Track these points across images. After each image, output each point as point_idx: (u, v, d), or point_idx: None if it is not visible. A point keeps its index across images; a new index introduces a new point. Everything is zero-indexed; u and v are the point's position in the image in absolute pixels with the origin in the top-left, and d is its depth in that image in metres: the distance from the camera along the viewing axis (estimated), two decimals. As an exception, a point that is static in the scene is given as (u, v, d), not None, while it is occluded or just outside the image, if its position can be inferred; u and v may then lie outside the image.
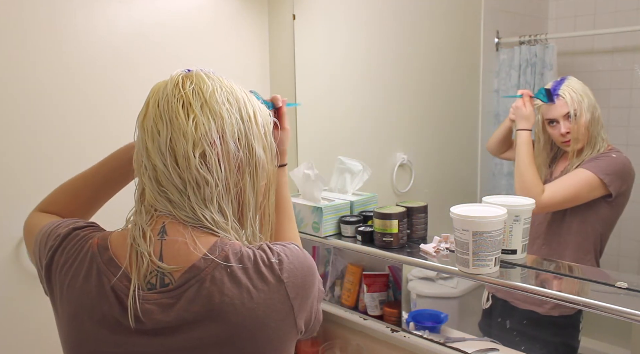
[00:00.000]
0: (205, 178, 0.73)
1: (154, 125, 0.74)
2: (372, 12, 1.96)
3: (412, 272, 1.62)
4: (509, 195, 1.36)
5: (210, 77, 0.78)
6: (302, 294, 0.75)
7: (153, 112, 0.75)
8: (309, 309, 0.77)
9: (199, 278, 0.70)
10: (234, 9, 1.72)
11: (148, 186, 0.75)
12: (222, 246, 0.73)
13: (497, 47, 2.37)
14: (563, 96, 1.57)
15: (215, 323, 0.69)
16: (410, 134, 2.14)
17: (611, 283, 1.13)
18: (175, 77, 0.77)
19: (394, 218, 1.42)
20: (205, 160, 0.73)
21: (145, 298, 0.71)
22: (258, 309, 0.70)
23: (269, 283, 0.71)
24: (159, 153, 0.73)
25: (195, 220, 0.74)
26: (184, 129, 0.72)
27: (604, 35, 2.33)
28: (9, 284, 1.34)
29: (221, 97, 0.76)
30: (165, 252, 0.73)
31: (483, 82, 2.35)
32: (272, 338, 0.72)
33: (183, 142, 0.72)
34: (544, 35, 2.28)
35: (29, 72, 1.32)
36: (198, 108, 0.74)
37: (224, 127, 0.75)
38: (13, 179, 1.31)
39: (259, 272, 0.71)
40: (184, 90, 0.74)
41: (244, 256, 0.72)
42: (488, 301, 1.64)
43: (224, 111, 0.75)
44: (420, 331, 1.44)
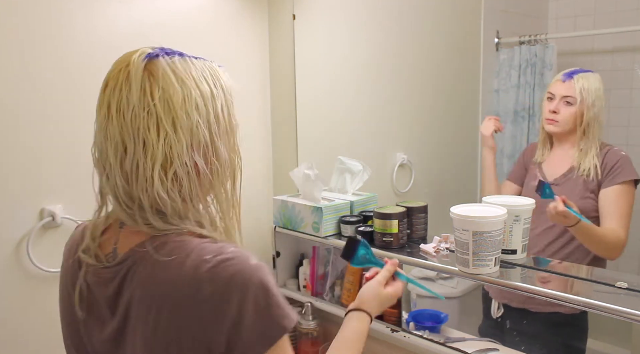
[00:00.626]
0: (172, 199, 0.70)
1: (119, 139, 0.70)
2: (372, 12, 1.96)
3: (412, 272, 1.62)
4: (509, 195, 1.36)
5: (177, 74, 0.72)
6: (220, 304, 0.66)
7: (119, 122, 0.70)
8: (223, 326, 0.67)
9: (134, 258, 0.72)
10: (234, 9, 1.72)
11: (111, 195, 0.74)
12: (167, 237, 0.72)
13: (497, 47, 2.37)
14: (575, 81, 1.58)
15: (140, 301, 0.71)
16: (410, 134, 2.14)
17: (611, 283, 1.13)
18: (138, 76, 0.70)
19: (394, 218, 1.42)
20: (175, 180, 0.70)
21: (98, 273, 0.76)
22: (169, 299, 0.68)
23: (186, 279, 0.67)
24: (121, 170, 0.70)
25: (154, 231, 0.73)
26: (155, 151, 0.69)
27: (604, 35, 2.34)
28: (9, 284, 1.34)
29: (191, 106, 0.71)
30: (122, 238, 0.76)
31: (483, 82, 2.35)
32: (173, 332, 0.68)
33: (150, 165, 0.69)
34: (544, 35, 2.28)
35: (29, 72, 1.32)
36: (170, 125, 0.69)
37: (192, 142, 0.71)
38: (13, 179, 1.31)
39: (182, 265, 0.68)
40: (153, 102, 0.69)
41: (185, 247, 0.70)
42: (499, 309, 1.63)
43: (194, 124, 0.71)
44: (420, 331, 1.44)
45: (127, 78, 0.71)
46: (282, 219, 1.68)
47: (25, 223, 1.34)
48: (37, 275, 1.36)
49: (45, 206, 1.36)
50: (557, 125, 1.61)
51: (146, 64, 0.72)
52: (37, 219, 1.36)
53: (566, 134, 1.62)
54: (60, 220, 1.37)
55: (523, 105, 2.32)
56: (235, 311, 0.66)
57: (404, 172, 2.08)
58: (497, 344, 1.38)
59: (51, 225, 1.37)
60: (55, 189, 1.38)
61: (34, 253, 1.34)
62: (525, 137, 2.32)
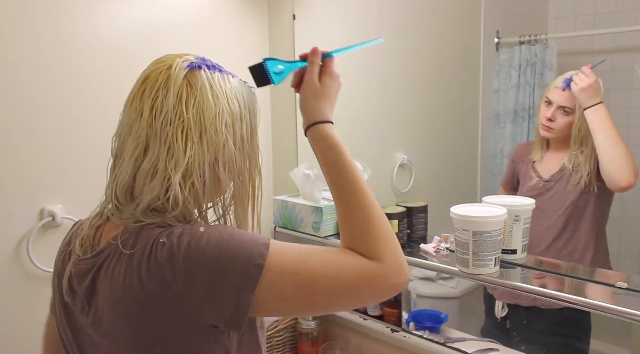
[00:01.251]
0: (186, 205, 0.73)
1: (144, 138, 0.72)
2: (372, 12, 1.96)
3: (412, 272, 1.62)
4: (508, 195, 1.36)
5: (213, 88, 0.74)
6: (188, 282, 0.66)
7: (148, 123, 0.72)
8: (218, 300, 0.67)
9: (109, 251, 0.73)
10: (234, 9, 1.72)
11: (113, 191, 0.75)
12: (135, 227, 0.72)
13: (497, 47, 2.37)
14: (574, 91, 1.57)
15: (110, 294, 0.71)
16: (410, 134, 2.14)
17: (611, 283, 1.13)
18: (177, 83, 0.72)
19: (394, 218, 1.42)
20: (191, 189, 0.72)
21: (78, 262, 0.77)
22: (140, 288, 0.68)
23: (156, 263, 0.67)
24: (132, 167, 0.72)
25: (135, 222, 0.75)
26: (178, 157, 0.71)
27: (604, 35, 2.34)
28: (9, 284, 1.34)
29: (221, 121, 0.73)
30: (104, 232, 0.77)
31: (483, 82, 2.35)
32: (151, 320, 0.68)
33: (171, 169, 0.70)
34: (544, 35, 2.28)
35: (30, 72, 1.32)
36: (197, 136, 0.72)
37: (217, 157, 0.73)
38: (13, 179, 1.31)
39: (143, 252, 0.69)
40: (187, 114, 0.71)
41: (146, 236, 0.70)
42: (503, 308, 1.63)
43: (221, 140, 0.73)
44: (420, 331, 1.44)
45: (166, 82, 0.73)
46: (282, 219, 1.68)
47: (25, 223, 1.34)
48: (37, 274, 1.36)
49: (45, 206, 1.36)
50: (552, 132, 1.63)
51: (187, 73, 0.74)
52: (37, 219, 1.36)
53: (561, 138, 1.63)
54: (60, 220, 1.37)
55: (523, 105, 2.32)
56: (205, 279, 0.66)
57: (404, 172, 2.08)
58: (497, 344, 1.38)
59: (51, 225, 1.37)
60: (55, 189, 1.38)
61: (34, 253, 1.35)
62: (526, 137, 2.32)
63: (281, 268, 0.68)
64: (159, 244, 0.68)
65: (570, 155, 1.59)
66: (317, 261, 0.70)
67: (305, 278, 0.68)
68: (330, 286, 0.69)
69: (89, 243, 0.78)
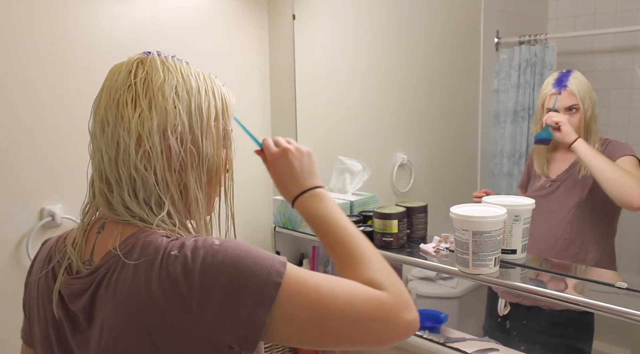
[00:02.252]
0: (144, 176, 0.71)
1: (104, 114, 0.73)
2: (372, 12, 1.96)
3: (412, 272, 1.62)
4: (508, 195, 1.36)
5: (165, 64, 0.74)
6: (206, 297, 0.64)
7: (105, 100, 0.74)
8: (233, 317, 0.64)
9: (108, 265, 0.70)
10: (233, 9, 1.72)
11: (96, 180, 0.75)
12: (138, 236, 0.70)
13: (497, 47, 2.37)
14: (571, 89, 1.57)
15: (115, 309, 0.68)
16: (410, 134, 2.14)
17: (611, 283, 1.13)
18: (130, 63, 0.75)
19: (394, 218, 1.42)
20: (146, 158, 0.71)
21: (69, 283, 0.74)
22: (150, 303, 0.65)
23: (168, 277, 0.65)
24: (105, 144, 0.72)
25: (128, 217, 0.72)
26: (129, 124, 0.71)
27: (604, 35, 2.33)
28: (9, 283, 1.34)
29: (170, 88, 0.72)
30: (97, 245, 0.75)
31: (483, 82, 2.35)
32: (161, 335, 0.66)
33: (126, 137, 0.71)
34: (544, 35, 2.28)
35: (30, 72, 1.32)
36: (145, 102, 0.71)
37: (167, 124, 0.72)
38: (13, 179, 1.31)
39: (152, 264, 0.66)
40: (135, 80, 0.72)
41: (153, 248, 0.68)
42: (506, 307, 1.63)
43: (170, 105, 0.72)
44: (420, 331, 1.44)
45: (120, 66, 0.75)
46: (282, 219, 1.68)
47: (25, 223, 1.35)
48: (37, 275, 1.36)
49: (45, 206, 1.36)
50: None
51: (140, 57, 0.76)
52: (37, 219, 1.36)
53: None
54: (60, 220, 1.37)
55: (523, 105, 2.32)
56: (221, 295, 0.64)
57: (404, 172, 2.08)
58: (498, 344, 1.38)
59: (51, 224, 1.37)
60: (55, 189, 1.38)
61: (34, 253, 1.34)
62: (525, 137, 2.32)
63: (296, 288, 0.66)
64: (170, 256, 0.66)
65: None
66: (329, 285, 0.68)
67: (317, 301, 0.66)
68: (342, 312, 0.66)
69: (80, 258, 0.75)
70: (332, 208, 0.82)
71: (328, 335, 0.67)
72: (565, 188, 1.61)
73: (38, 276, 0.80)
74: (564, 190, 1.61)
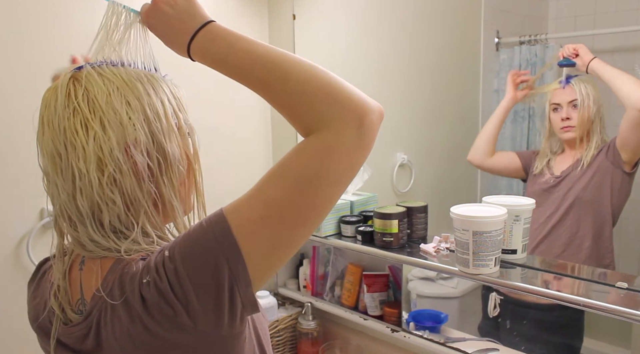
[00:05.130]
0: (109, 201, 0.66)
1: (52, 147, 0.66)
2: (372, 12, 1.96)
3: (412, 272, 1.62)
4: (509, 195, 1.36)
5: (102, 75, 0.68)
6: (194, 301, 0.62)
7: (49, 133, 0.67)
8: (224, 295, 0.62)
9: (99, 308, 0.67)
10: (233, 9, 1.72)
11: (58, 217, 0.70)
12: (115, 270, 0.67)
13: (497, 47, 2.37)
14: (573, 84, 1.66)
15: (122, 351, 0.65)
16: (410, 134, 2.14)
17: (611, 283, 1.13)
18: (64, 84, 0.67)
19: (394, 218, 1.42)
20: (111, 180, 0.66)
21: (68, 332, 0.70)
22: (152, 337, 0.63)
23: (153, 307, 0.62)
24: (61, 179, 0.66)
25: (100, 252, 0.68)
26: (84, 151, 0.65)
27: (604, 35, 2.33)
28: (9, 283, 1.34)
29: (118, 101, 0.66)
30: (83, 283, 0.71)
31: (483, 82, 2.35)
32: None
33: (83, 166, 0.65)
34: (544, 35, 2.28)
35: (29, 72, 1.32)
36: (97, 123, 0.65)
37: (126, 138, 0.66)
38: (13, 179, 1.31)
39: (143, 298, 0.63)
40: (77, 100, 0.66)
41: (129, 281, 0.65)
42: (495, 308, 1.64)
43: (124, 118, 0.66)
44: (420, 331, 1.44)
45: (54, 92, 0.68)
46: (282, 219, 1.68)
47: (25, 223, 1.35)
48: (37, 274, 1.36)
49: (45, 206, 1.36)
50: (574, 130, 1.66)
51: (72, 74, 0.69)
52: (37, 219, 1.36)
53: (578, 135, 1.66)
54: (60, 220, 1.37)
55: (523, 105, 2.32)
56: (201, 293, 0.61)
57: (404, 172, 2.08)
58: (497, 344, 1.38)
59: (51, 225, 1.37)
60: (55, 189, 1.38)
61: (34, 253, 1.35)
62: (525, 137, 2.32)
63: (243, 215, 0.63)
64: (143, 286, 0.62)
65: (585, 148, 1.65)
66: (266, 177, 0.65)
67: (258, 193, 0.64)
68: (283, 177, 0.63)
69: (69, 304, 0.71)
70: (232, 40, 0.68)
71: (289, 212, 0.63)
72: (567, 182, 1.66)
73: (36, 302, 0.77)
74: (566, 184, 1.66)
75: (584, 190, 1.61)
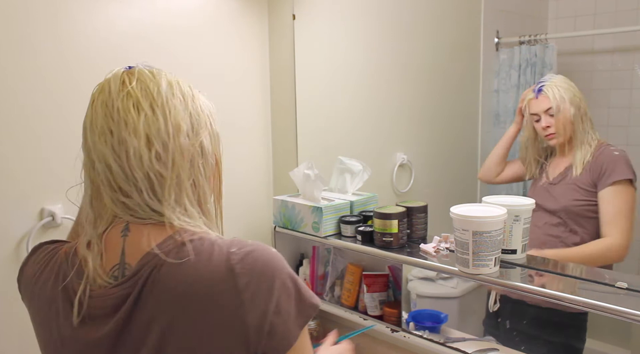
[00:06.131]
0: (161, 174, 0.74)
1: (104, 125, 0.75)
2: (372, 12, 1.96)
3: (412, 272, 1.62)
4: (508, 195, 1.36)
5: (153, 73, 0.78)
6: (257, 292, 0.71)
7: (102, 111, 0.75)
8: (264, 311, 0.71)
9: (151, 265, 0.72)
10: (234, 9, 1.72)
11: (104, 191, 0.76)
12: (177, 236, 0.74)
13: (497, 47, 2.37)
14: (545, 92, 1.64)
15: (164, 307, 0.70)
16: (410, 134, 2.14)
17: (611, 283, 1.13)
18: (118, 76, 0.77)
19: (394, 218, 1.42)
20: (159, 157, 0.74)
21: (106, 294, 0.73)
22: (204, 294, 0.70)
23: (220, 271, 0.70)
24: (112, 153, 0.74)
25: (154, 216, 0.75)
26: (136, 128, 0.74)
27: (604, 35, 2.34)
28: (9, 283, 1.34)
29: (167, 93, 0.77)
30: (127, 249, 0.75)
31: (483, 82, 2.35)
32: (213, 328, 0.70)
33: (135, 141, 0.73)
34: (544, 35, 2.28)
35: (29, 72, 1.32)
36: (147, 106, 0.75)
37: (171, 123, 0.76)
38: (13, 179, 1.31)
39: (210, 260, 0.71)
40: (130, 87, 0.75)
41: (199, 244, 0.73)
42: (495, 303, 1.64)
43: (172, 107, 0.76)
44: (420, 331, 1.44)
45: (108, 82, 0.78)
46: (282, 219, 1.68)
47: (25, 223, 1.35)
48: (37, 274, 1.36)
49: (45, 206, 1.36)
50: (558, 136, 1.65)
51: (125, 71, 0.79)
52: (37, 219, 1.36)
53: (565, 141, 1.66)
54: (60, 220, 1.37)
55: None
56: (274, 297, 0.71)
57: (404, 172, 2.08)
58: (498, 344, 1.38)
59: (51, 224, 1.37)
60: (55, 189, 1.38)
61: (34, 253, 1.35)
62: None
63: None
64: (231, 254, 0.72)
65: (573, 150, 1.64)
66: None
67: None
68: None
69: (103, 269, 0.75)
70: None
71: None
72: (559, 188, 1.65)
73: (55, 291, 0.78)
74: (558, 190, 1.65)
75: (573, 200, 1.59)
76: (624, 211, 1.51)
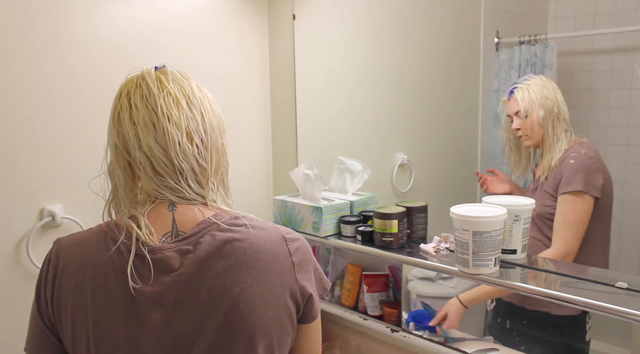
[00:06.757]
0: (201, 165, 0.85)
1: (147, 119, 0.82)
2: (372, 12, 1.96)
3: (412, 272, 1.62)
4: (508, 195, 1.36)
5: (182, 75, 0.88)
6: (302, 258, 0.87)
7: (143, 107, 0.83)
8: (312, 272, 0.89)
9: (211, 228, 0.82)
10: (234, 9, 1.72)
11: (144, 179, 0.84)
12: (225, 212, 0.86)
13: (497, 47, 2.37)
14: (515, 94, 1.65)
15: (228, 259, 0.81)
16: (410, 134, 2.14)
17: (611, 283, 1.13)
18: (151, 74, 0.85)
19: (394, 218, 1.42)
20: (200, 151, 0.85)
21: (164, 248, 0.81)
22: (263, 254, 0.83)
23: (274, 239, 0.85)
24: (156, 144, 0.82)
25: (198, 199, 0.86)
26: (178, 123, 0.83)
27: (604, 35, 2.34)
28: (9, 284, 1.34)
29: (198, 94, 0.87)
30: (177, 219, 0.84)
31: (483, 82, 2.35)
32: (275, 281, 0.83)
33: (178, 134, 0.82)
34: (544, 35, 2.28)
35: (29, 72, 1.32)
36: (184, 104, 0.84)
37: (208, 122, 0.87)
38: (13, 179, 1.31)
39: (262, 228, 0.85)
40: (169, 87, 0.84)
41: (248, 218, 0.86)
42: (492, 302, 1.64)
43: (205, 107, 0.87)
44: (420, 331, 1.44)
45: (143, 78, 0.86)
46: (282, 219, 1.68)
47: (25, 223, 1.35)
48: (36, 274, 1.36)
49: (45, 206, 1.37)
50: (529, 138, 1.65)
51: (159, 69, 0.88)
52: (37, 219, 1.36)
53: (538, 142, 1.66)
54: (60, 220, 1.38)
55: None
56: (312, 275, 0.89)
57: (404, 172, 2.08)
58: (497, 344, 1.38)
59: (51, 224, 1.37)
60: (55, 189, 1.38)
61: (34, 253, 1.35)
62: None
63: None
64: (286, 239, 0.87)
65: (544, 153, 1.64)
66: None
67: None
68: None
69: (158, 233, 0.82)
70: None
71: None
72: (536, 193, 1.64)
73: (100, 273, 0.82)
74: (535, 195, 1.63)
75: (542, 206, 1.57)
76: (571, 222, 1.50)
